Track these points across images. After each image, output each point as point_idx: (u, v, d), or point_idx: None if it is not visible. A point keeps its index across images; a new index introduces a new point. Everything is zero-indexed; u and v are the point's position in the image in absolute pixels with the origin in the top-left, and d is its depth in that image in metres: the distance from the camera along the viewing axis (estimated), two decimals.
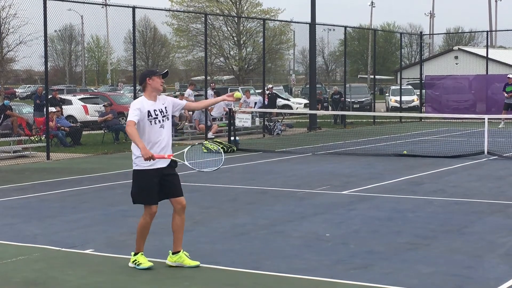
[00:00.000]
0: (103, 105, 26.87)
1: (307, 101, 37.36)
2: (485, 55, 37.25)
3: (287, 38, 50.43)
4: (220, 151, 7.77)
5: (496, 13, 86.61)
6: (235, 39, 49.33)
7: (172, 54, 58.03)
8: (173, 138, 7.16)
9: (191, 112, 25.76)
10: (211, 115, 27.09)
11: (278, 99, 36.22)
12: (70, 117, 28.46)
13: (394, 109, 40.06)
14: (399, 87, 38.21)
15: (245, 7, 50.20)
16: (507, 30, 39.59)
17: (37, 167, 17.60)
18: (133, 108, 7.32)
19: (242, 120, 23.95)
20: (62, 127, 22.58)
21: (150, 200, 7.43)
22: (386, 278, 7.14)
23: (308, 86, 36.24)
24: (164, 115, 7.45)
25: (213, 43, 46.89)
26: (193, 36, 48.93)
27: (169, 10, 42.71)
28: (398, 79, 43.30)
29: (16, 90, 61.02)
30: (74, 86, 58.45)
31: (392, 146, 21.03)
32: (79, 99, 31.94)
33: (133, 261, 7.60)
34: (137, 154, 7.36)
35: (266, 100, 29.56)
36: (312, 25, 30.11)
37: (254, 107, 29.34)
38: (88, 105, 31.01)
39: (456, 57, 52.34)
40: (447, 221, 9.97)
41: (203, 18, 33.54)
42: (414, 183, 13.80)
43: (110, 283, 7.18)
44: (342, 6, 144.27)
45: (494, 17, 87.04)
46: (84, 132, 24.74)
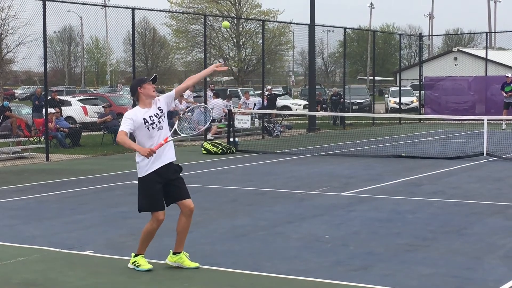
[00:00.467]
0: (102, 106, 26.85)
1: (306, 102, 37.36)
2: (485, 57, 37.21)
3: (286, 39, 50.44)
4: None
5: (496, 15, 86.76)
6: (235, 40, 49.35)
7: (171, 55, 58.07)
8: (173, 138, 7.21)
9: (187, 111, 25.64)
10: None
11: (277, 99, 36.15)
12: (69, 118, 28.43)
13: (394, 110, 40.07)
14: (398, 88, 38.21)
15: (245, 8, 50.23)
16: (507, 31, 39.59)
17: (36, 168, 17.58)
18: (126, 118, 7.36)
19: (242, 121, 23.93)
20: (61, 128, 22.55)
21: (156, 206, 7.42)
22: (385, 279, 7.14)
23: (307, 87, 36.22)
24: (159, 116, 7.48)
25: (212, 44, 46.91)
26: (192, 37, 48.98)
27: (169, 11, 42.76)
28: (398, 80, 43.28)
29: (15, 91, 61.10)
30: (73, 87, 58.56)
31: (391, 148, 21.04)
32: (78, 100, 31.93)
33: (132, 262, 7.60)
34: (137, 161, 7.41)
35: (266, 101, 29.55)
36: (312, 26, 30.08)
37: (253, 108, 29.36)
38: (87, 106, 31.00)
39: (456, 59, 52.36)
40: (446, 223, 9.97)
41: (203, 19, 33.50)
42: (414, 185, 13.79)
43: (109, 284, 7.18)
44: (341, 8, 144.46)
45: (493, 19, 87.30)
46: (83, 133, 24.69)
